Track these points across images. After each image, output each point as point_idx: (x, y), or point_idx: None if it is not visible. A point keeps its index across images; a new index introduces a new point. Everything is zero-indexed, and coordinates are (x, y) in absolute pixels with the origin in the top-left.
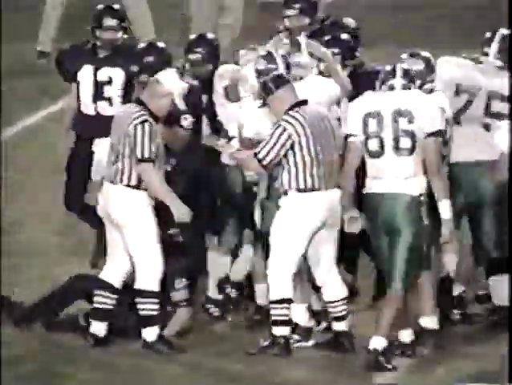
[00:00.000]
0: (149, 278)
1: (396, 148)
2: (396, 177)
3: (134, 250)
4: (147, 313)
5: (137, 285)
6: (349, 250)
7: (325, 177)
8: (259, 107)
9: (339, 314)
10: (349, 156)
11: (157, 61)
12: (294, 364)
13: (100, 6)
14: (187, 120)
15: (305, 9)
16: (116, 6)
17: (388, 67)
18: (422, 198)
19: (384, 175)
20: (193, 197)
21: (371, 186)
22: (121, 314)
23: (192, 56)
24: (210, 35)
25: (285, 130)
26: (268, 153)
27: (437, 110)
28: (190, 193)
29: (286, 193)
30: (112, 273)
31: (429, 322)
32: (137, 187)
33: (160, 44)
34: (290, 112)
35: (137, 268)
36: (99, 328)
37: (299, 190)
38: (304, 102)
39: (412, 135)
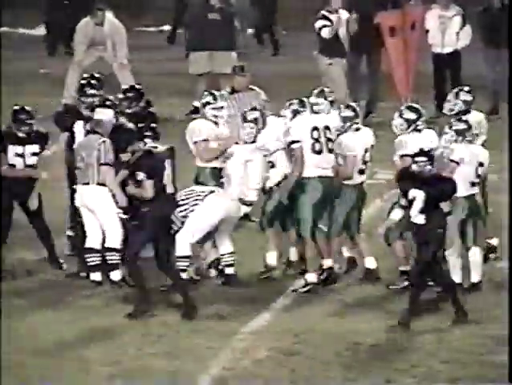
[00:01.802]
0: (114, 240)
1: (328, 149)
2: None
3: (104, 224)
4: (113, 261)
5: (106, 245)
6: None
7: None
8: None
9: (229, 262)
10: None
11: None
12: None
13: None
14: None
15: None
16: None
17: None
18: None
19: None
20: None
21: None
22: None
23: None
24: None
25: None
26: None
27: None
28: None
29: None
30: (93, 241)
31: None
32: (103, 184)
33: None
34: None
35: (106, 234)
36: (96, 276)
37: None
38: None
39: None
